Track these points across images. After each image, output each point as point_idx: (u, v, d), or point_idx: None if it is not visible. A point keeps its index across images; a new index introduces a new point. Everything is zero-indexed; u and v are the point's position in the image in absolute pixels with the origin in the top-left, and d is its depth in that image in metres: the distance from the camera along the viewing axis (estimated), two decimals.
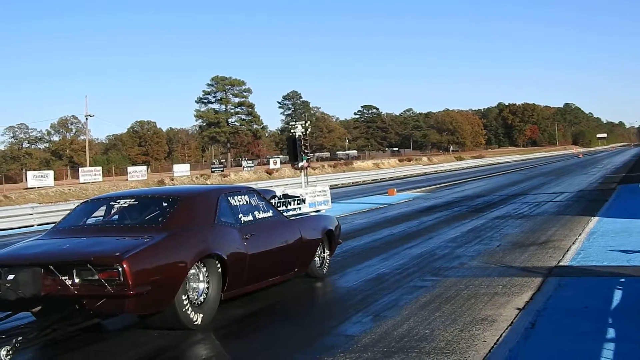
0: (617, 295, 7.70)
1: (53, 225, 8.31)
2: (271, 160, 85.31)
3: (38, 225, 26.70)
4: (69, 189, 53.19)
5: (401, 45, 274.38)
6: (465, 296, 8.13)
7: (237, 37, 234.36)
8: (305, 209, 18.52)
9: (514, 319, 6.91)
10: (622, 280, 8.48)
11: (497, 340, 6.16)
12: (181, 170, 71.87)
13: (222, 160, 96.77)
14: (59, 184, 56.73)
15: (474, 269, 10.05)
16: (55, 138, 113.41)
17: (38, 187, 51.79)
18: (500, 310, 7.31)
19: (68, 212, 8.52)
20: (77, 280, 6.38)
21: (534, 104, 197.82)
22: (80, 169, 65.38)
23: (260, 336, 6.89)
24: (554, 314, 6.89)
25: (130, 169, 67.92)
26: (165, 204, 7.77)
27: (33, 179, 54.25)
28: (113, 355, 6.51)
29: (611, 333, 6.14)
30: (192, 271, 7.11)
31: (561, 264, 10.01)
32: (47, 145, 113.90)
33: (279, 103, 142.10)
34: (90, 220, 8.00)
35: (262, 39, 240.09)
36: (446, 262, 10.78)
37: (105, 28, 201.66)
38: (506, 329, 6.54)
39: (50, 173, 57.80)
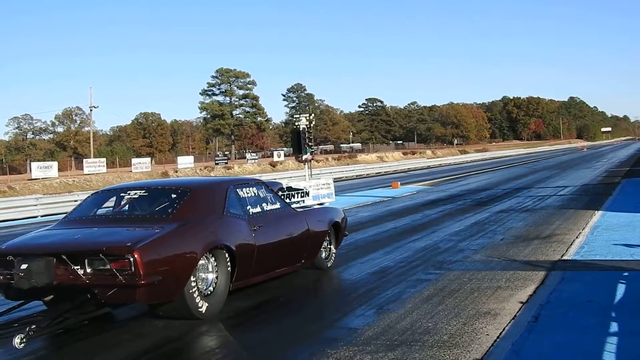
0: (621, 289, 7.70)
1: (64, 215, 8.42)
2: (275, 153, 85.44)
3: (42, 216, 26.79)
4: (73, 180, 53.25)
5: (406, 39, 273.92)
6: (468, 290, 8.14)
7: (242, 29, 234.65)
8: (309, 201, 18.50)
9: (517, 312, 6.92)
10: (626, 274, 8.48)
11: (500, 333, 6.17)
12: (185, 162, 71.96)
13: (226, 153, 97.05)
14: (63, 175, 56.83)
15: (478, 263, 10.05)
16: (60, 129, 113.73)
17: (42, 178, 51.83)
18: (503, 304, 7.32)
19: (78, 202, 8.63)
20: (88, 270, 6.49)
21: (538, 97, 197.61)
22: (84, 160, 65.42)
23: (265, 328, 6.92)
24: (557, 308, 6.89)
25: (134, 160, 67.99)
26: (174, 196, 7.87)
27: (37, 169, 54.29)
28: (121, 344, 6.55)
29: (614, 327, 6.15)
30: (201, 262, 7.19)
31: (565, 257, 10.01)
32: (51, 136, 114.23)
33: (284, 95, 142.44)
34: (100, 211, 8.09)
35: (267, 32, 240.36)
36: (450, 256, 10.79)
37: (110, 19, 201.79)
38: (509, 322, 6.55)
39: (55, 164, 57.85)
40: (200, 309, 7.09)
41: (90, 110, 79.21)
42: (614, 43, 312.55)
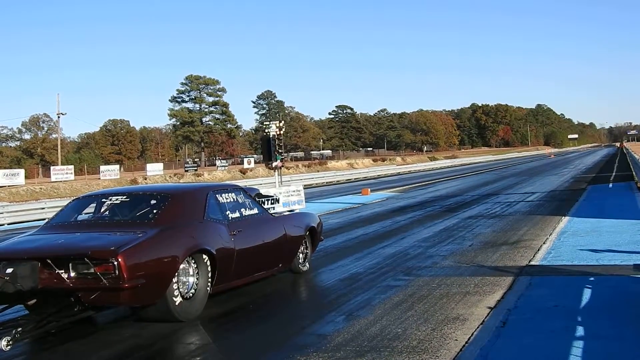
0: (587, 293, 7.81)
1: (46, 221, 8.53)
2: (245, 160, 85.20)
3: (8, 224, 26.33)
4: (40, 188, 52.57)
5: (376, 47, 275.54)
6: (437, 295, 8.19)
7: (212, 36, 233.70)
8: (279, 208, 18.47)
9: (486, 317, 6.98)
10: (592, 279, 8.60)
11: (469, 339, 6.22)
12: (154, 169, 71.25)
13: (195, 160, 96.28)
14: (30, 183, 56.03)
15: (447, 269, 10.11)
16: (27, 136, 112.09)
17: (9, 186, 51.04)
18: (472, 309, 7.37)
19: (60, 208, 8.83)
20: (73, 274, 6.61)
21: (506, 104, 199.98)
22: (52, 167, 64.51)
23: (234, 335, 6.89)
24: (524, 313, 6.97)
25: (102, 167, 67.16)
26: (155, 201, 7.99)
27: (3, 177, 53.38)
28: (90, 352, 6.49)
29: (580, 331, 6.23)
30: (182, 265, 7.33)
31: (532, 263, 10.13)
32: (18, 143, 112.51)
33: (254, 102, 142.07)
34: (82, 217, 8.20)
35: (238, 39, 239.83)
36: (419, 262, 10.84)
37: (78, 24, 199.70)
38: (477, 327, 6.60)
39: (21, 172, 56.99)
40: (181, 312, 7.23)
41: (58, 117, 78.28)
42: (581, 52, 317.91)
